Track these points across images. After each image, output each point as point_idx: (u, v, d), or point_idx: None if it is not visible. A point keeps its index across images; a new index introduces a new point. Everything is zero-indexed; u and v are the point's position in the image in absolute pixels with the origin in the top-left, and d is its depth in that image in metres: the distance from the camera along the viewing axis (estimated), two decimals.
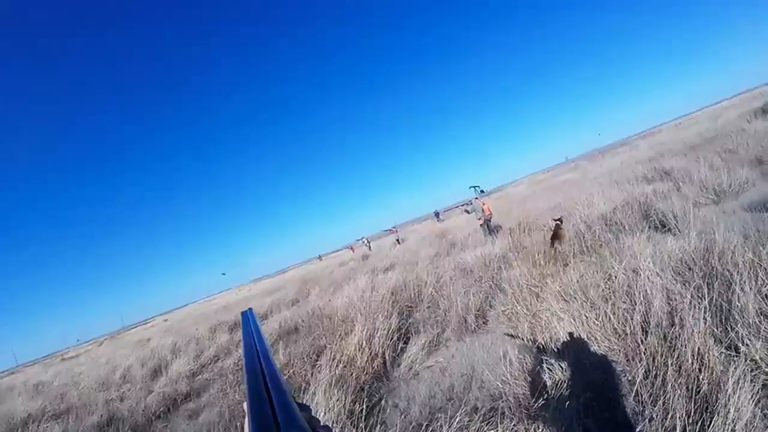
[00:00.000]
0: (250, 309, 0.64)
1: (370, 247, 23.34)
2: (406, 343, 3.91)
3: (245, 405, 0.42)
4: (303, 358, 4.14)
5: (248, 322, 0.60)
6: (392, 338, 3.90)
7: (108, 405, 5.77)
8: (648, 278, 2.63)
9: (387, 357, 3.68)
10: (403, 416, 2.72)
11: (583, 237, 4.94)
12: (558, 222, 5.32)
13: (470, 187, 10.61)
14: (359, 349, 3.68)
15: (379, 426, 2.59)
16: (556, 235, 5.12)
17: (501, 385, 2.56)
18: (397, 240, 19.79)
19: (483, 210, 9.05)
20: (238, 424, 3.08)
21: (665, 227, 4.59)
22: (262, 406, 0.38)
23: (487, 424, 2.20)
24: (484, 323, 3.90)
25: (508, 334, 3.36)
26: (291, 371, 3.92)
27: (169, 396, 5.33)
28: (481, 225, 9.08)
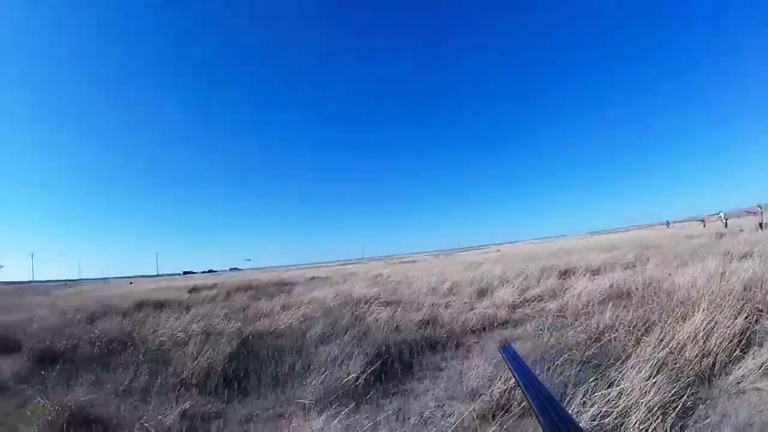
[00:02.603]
0: (509, 344, 0.72)
1: (726, 225, 20.84)
2: (743, 351, 3.26)
3: None
4: (629, 328, 3.82)
5: (511, 356, 0.69)
6: (731, 341, 3.29)
7: (433, 308, 6.40)
8: None
9: (718, 360, 3.13)
10: None
11: None
12: None
13: None
14: (692, 340, 3.25)
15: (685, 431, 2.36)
16: None
17: None
18: (760, 224, 16.96)
19: None
20: (547, 366, 3.12)
21: None
22: (556, 429, 0.45)
23: None
24: None
25: None
26: (612, 336, 3.76)
27: (488, 318, 5.58)
28: None
